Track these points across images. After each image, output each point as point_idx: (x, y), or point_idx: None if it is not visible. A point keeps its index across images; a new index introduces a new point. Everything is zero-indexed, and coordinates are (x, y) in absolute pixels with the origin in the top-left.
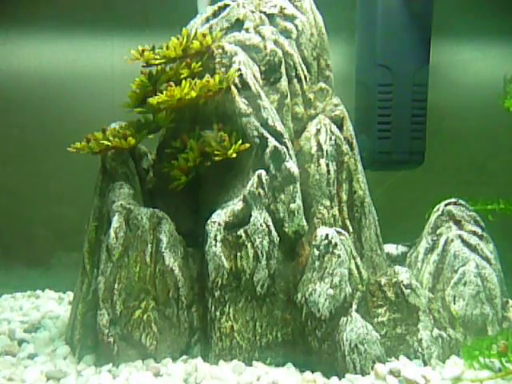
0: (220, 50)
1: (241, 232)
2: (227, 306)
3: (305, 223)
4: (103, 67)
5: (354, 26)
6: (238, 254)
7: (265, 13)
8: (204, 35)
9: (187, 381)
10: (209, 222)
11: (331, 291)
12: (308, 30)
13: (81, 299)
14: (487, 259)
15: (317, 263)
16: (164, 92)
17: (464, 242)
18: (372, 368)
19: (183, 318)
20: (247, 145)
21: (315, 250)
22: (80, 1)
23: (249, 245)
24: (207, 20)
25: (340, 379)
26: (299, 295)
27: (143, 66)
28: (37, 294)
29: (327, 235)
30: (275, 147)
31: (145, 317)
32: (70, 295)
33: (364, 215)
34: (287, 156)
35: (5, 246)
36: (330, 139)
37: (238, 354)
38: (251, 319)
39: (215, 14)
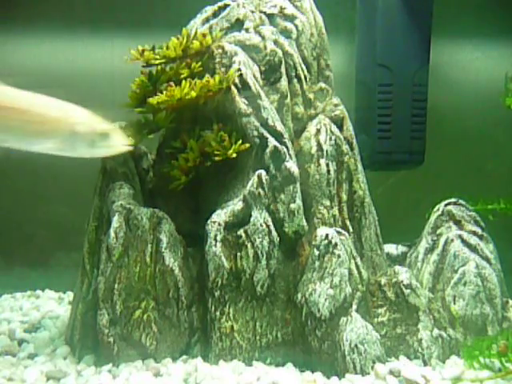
0: (220, 50)
1: (241, 232)
2: (227, 306)
3: (305, 223)
4: (103, 67)
5: (354, 25)
6: (238, 253)
7: (265, 13)
8: (204, 35)
9: (187, 381)
10: (209, 221)
11: (331, 291)
12: (308, 30)
13: (81, 299)
14: (487, 259)
15: (317, 263)
16: (164, 92)
17: (464, 242)
18: (372, 368)
19: (183, 318)
20: (247, 145)
21: (315, 249)
22: (80, 1)
23: (249, 245)
24: (207, 20)
25: (340, 379)
26: (299, 295)
27: (143, 66)
28: (37, 294)
29: (327, 235)
30: (275, 147)
31: (145, 317)
32: (70, 295)
33: (364, 215)
34: (287, 156)
35: (5, 245)
36: (330, 139)
37: (238, 353)
38: (251, 319)
39: (215, 14)
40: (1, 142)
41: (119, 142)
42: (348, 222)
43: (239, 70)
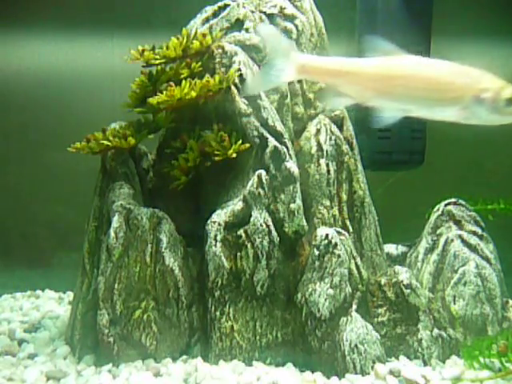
0: (220, 50)
1: (241, 232)
2: (227, 306)
3: (305, 223)
4: (103, 67)
5: (354, 26)
6: (238, 254)
7: (265, 13)
8: (204, 35)
9: (187, 381)
10: (209, 221)
11: (331, 291)
12: (308, 30)
13: (81, 299)
14: (487, 259)
15: (317, 263)
16: (164, 92)
17: (464, 242)
18: (372, 368)
19: (183, 318)
20: (247, 145)
21: (315, 250)
22: (80, 1)
23: (249, 245)
24: (207, 20)
25: (340, 379)
26: (299, 295)
27: (143, 66)
28: (37, 294)
29: (327, 235)
30: (275, 147)
31: (145, 317)
32: (70, 295)
33: (364, 215)
34: (287, 156)
35: (5, 246)
36: (330, 139)
37: (238, 353)
38: (251, 319)
39: (215, 14)
40: (404, 111)
41: None
42: (348, 222)
43: (239, 69)
